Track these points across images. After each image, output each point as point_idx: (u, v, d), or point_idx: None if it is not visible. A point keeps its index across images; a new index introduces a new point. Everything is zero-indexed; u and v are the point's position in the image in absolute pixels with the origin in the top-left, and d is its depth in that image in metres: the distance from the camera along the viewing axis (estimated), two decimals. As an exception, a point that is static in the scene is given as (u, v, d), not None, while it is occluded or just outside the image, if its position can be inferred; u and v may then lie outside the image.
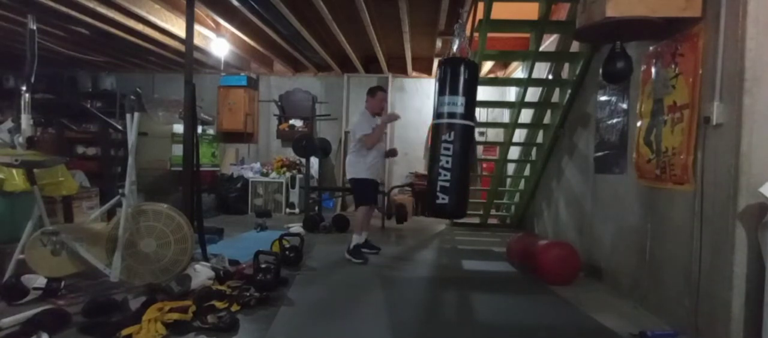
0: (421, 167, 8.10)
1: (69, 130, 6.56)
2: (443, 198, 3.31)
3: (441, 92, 3.37)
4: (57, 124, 5.94)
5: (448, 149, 3.31)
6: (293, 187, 7.45)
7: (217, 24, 5.93)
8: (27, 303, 2.62)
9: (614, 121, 3.57)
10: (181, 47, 6.07)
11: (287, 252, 3.83)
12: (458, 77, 3.31)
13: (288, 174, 7.54)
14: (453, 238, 5.73)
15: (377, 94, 4.35)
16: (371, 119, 4.28)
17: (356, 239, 4.17)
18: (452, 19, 5.19)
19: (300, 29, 5.45)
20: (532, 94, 5.34)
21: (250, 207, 7.35)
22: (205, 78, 7.99)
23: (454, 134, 3.32)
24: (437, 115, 3.40)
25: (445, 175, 3.31)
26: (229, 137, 8.15)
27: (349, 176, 4.35)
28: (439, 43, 6.41)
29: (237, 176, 7.50)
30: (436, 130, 3.42)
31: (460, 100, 3.31)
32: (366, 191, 4.28)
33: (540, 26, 4.44)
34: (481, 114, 7.31)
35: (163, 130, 6.88)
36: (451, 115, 3.32)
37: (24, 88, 3.02)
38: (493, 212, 6.56)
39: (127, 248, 2.82)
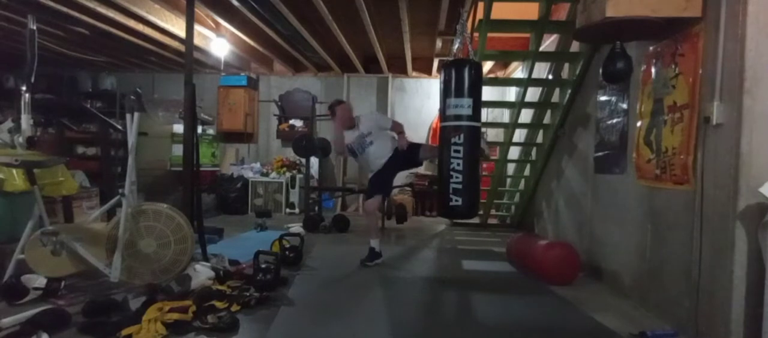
0: (421, 167, 8.09)
1: (69, 130, 6.54)
2: (456, 200, 3.36)
3: (446, 94, 3.40)
4: (57, 124, 5.92)
5: (458, 151, 3.35)
6: (293, 187, 7.45)
7: (217, 24, 5.92)
8: (27, 303, 2.62)
9: (614, 121, 3.57)
10: (181, 47, 6.07)
11: (287, 252, 3.82)
12: (463, 79, 3.35)
13: (288, 174, 7.54)
14: (453, 238, 5.73)
15: (334, 111, 4.09)
16: (346, 137, 4.07)
17: (372, 243, 4.04)
18: (452, 19, 5.19)
19: (300, 29, 5.45)
20: (532, 94, 5.34)
21: (250, 207, 7.35)
22: (205, 78, 7.99)
23: (462, 136, 3.35)
24: (445, 117, 3.43)
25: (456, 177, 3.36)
26: (229, 137, 8.14)
27: None
28: (439, 43, 6.41)
29: (237, 176, 7.50)
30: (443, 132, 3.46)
31: (467, 101, 3.34)
32: (369, 187, 4.22)
33: (540, 26, 4.44)
34: (481, 114, 7.31)
35: (163, 130, 6.88)
36: (458, 117, 3.36)
37: (24, 88, 3.02)
38: (493, 212, 6.56)
39: (127, 248, 2.82)
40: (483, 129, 6.61)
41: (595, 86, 3.97)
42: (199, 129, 6.57)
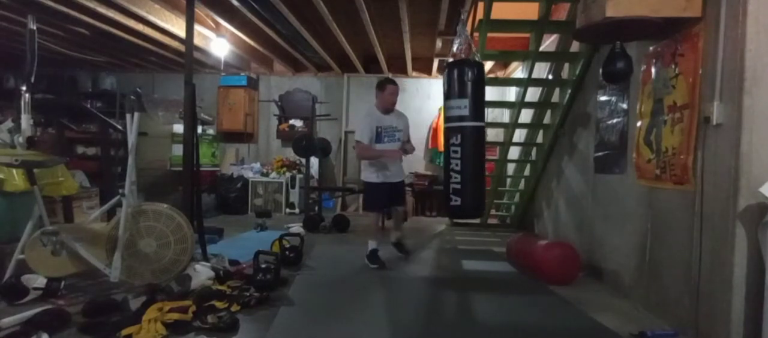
0: (421, 167, 8.11)
1: (69, 130, 6.55)
2: (456, 200, 3.38)
3: (447, 95, 3.39)
4: (57, 124, 5.93)
5: (456, 152, 3.37)
6: (293, 187, 7.45)
7: (217, 24, 5.92)
8: (27, 303, 2.63)
9: (614, 121, 3.57)
10: (181, 47, 6.07)
11: (287, 252, 3.83)
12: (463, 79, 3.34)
13: (288, 174, 7.54)
14: (453, 238, 5.73)
15: (386, 87, 3.92)
16: (377, 117, 3.91)
17: (370, 244, 4.00)
18: (452, 19, 5.19)
19: (300, 29, 5.44)
20: (532, 94, 5.34)
21: (250, 207, 7.35)
22: (205, 78, 7.99)
23: (460, 136, 3.36)
24: (446, 119, 3.44)
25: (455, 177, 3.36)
26: (229, 137, 8.14)
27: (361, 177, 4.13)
28: (439, 43, 6.41)
29: (237, 176, 7.50)
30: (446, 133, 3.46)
31: (464, 102, 3.34)
32: (369, 196, 4.13)
33: (540, 26, 4.44)
34: (483, 114, 7.32)
35: (163, 130, 6.88)
36: (457, 118, 3.37)
37: (24, 88, 3.02)
38: (493, 212, 6.56)
39: (127, 248, 2.82)
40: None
41: (595, 86, 3.97)
42: (199, 129, 6.57)
